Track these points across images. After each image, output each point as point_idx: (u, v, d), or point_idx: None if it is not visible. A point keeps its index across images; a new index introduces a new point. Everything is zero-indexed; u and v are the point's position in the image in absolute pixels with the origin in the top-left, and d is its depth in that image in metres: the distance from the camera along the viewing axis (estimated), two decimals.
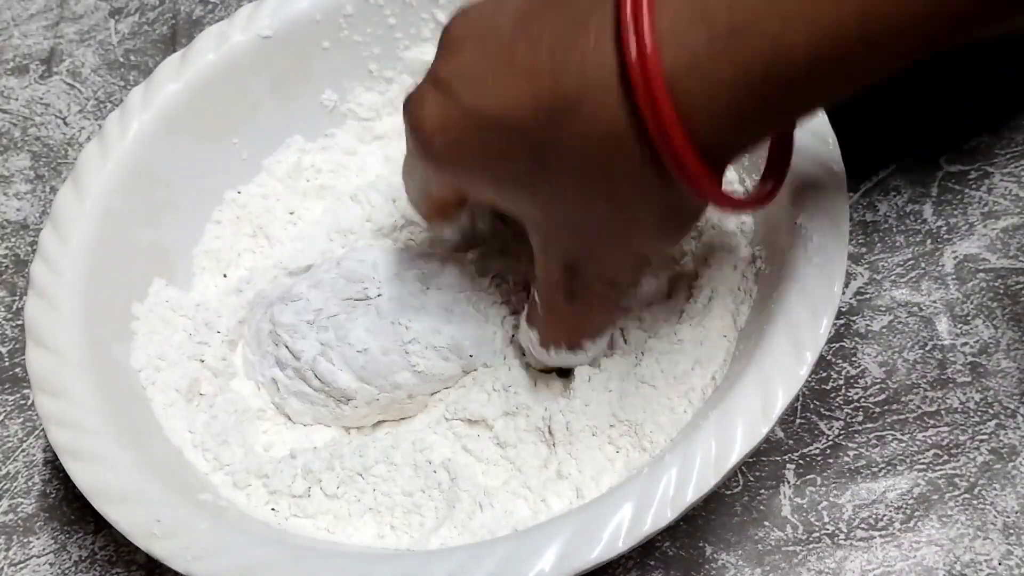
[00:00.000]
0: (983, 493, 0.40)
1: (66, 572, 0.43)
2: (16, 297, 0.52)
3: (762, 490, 0.42)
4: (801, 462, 0.42)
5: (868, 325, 0.45)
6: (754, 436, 0.34)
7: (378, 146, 0.50)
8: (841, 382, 0.44)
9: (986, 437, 0.42)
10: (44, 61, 0.62)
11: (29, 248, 0.54)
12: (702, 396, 0.39)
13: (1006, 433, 0.42)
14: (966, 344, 0.44)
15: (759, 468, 0.42)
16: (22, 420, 0.48)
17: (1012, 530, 0.40)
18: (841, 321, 0.45)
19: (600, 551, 0.33)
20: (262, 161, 0.49)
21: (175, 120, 0.46)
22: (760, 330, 0.37)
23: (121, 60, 0.61)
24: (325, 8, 0.48)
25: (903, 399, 0.43)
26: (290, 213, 0.49)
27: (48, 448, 0.47)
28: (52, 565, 0.44)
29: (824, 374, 0.44)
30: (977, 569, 0.39)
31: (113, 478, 0.37)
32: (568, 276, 0.36)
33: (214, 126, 0.48)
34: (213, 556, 0.35)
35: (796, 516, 0.41)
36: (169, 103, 0.46)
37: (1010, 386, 0.43)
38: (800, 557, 0.40)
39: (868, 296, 0.46)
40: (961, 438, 0.42)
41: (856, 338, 0.45)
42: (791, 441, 0.43)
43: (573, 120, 0.30)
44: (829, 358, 0.44)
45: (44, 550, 0.44)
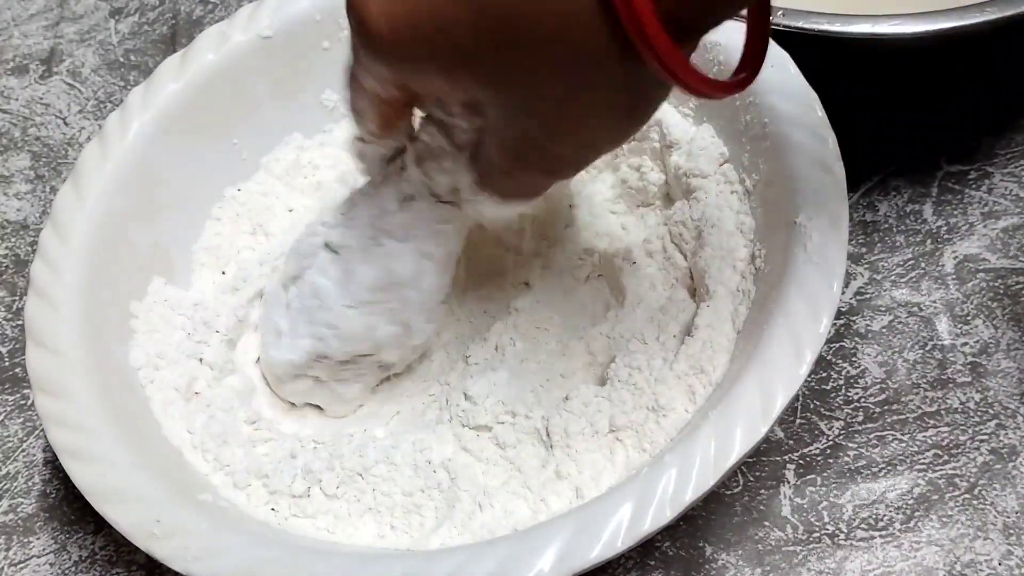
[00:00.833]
0: (983, 493, 0.40)
1: (66, 572, 0.43)
2: (16, 297, 0.52)
3: (762, 490, 0.42)
4: (801, 462, 0.42)
5: (868, 325, 0.45)
6: (754, 436, 0.34)
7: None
8: (841, 382, 0.44)
9: (986, 437, 0.42)
10: (44, 61, 0.62)
11: (29, 248, 0.54)
12: (702, 396, 0.39)
13: (1006, 433, 0.42)
14: (966, 344, 0.44)
15: (759, 468, 0.42)
16: (22, 420, 0.48)
17: (1012, 530, 0.39)
18: (841, 321, 0.45)
19: (600, 551, 0.33)
20: (261, 159, 0.49)
21: (175, 120, 0.46)
22: (760, 330, 0.37)
23: (121, 60, 0.61)
24: (325, 8, 0.48)
25: (903, 399, 0.43)
26: (289, 210, 0.49)
27: (48, 448, 0.47)
28: (52, 565, 0.44)
29: (824, 374, 0.44)
30: (977, 569, 0.39)
31: (113, 478, 0.37)
32: (512, 163, 0.34)
33: (214, 126, 0.48)
34: (213, 556, 0.35)
35: (796, 516, 0.41)
36: (169, 103, 0.46)
37: (1010, 386, 0.43)
38: (800, 557, 0.40)
39: (868, 296, 0.46)
40: (961, 438, 0.42)
41: (856, 338, 0.45)
42: (791, 441, 0.43)
43: None
44: (829, 358, 0.44)
45: (44, 550, 0.44)
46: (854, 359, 0.44)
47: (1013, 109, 0.50)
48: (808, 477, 0.42)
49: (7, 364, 0.50)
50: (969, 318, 0.45)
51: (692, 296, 0.43)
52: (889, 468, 0.41)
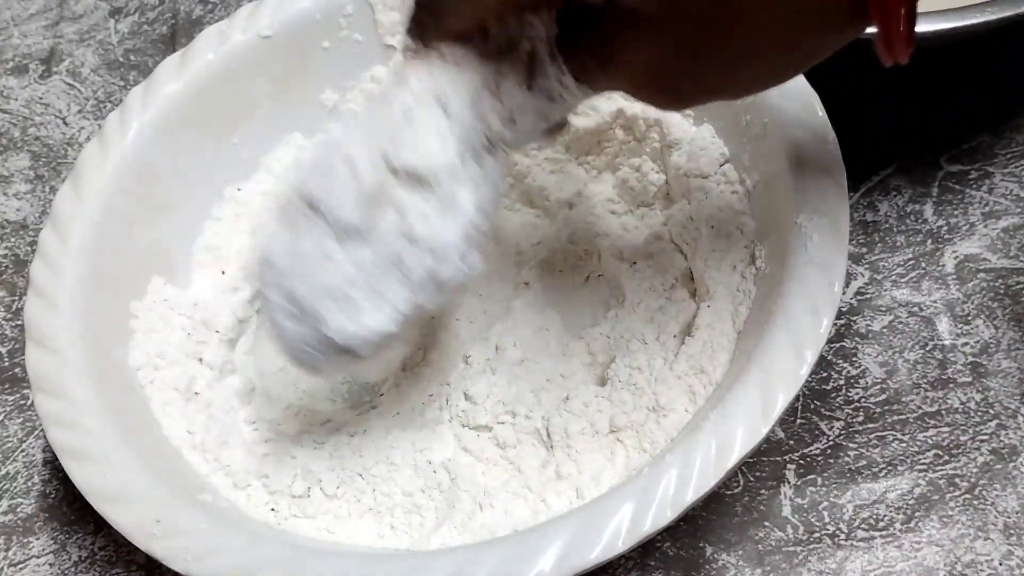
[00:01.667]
0: (984, 493, 0.40)
1: (66, 572, 0.43)
2: (16, 297, 0.52)
3: (762, 490, 0.42)
4: (801, 462, 0.42)
5: (868, 325, 0.45)
6: (754, 436, 0.34)
7: None
8: (841, 382, 0.44)
9: (987, 437, 0.42)
10: (44, 61, 0.62)
11: (29, 248, 0.54)
12: (702, 396, 0.39)
13: (1007, 433, 0.42)
14: (967, 344, 0.44)
15: (759, 468, 0.42)
16: (22, 420, 0.48)
17: (1013, 530, 0.39)
18: (841, 321, 0.45)
19: (600, 551, 0.33)
20: (261, 159, 0.49)
21: (175, 120, 0.46)
22: (760, 330, 0.37)
23: (121, 60, 0.61)
24: (325, 8, 0.48)
25: (904, 399, 0.43)
26: None
27: (48, 448, 0.47)
28: (52, 565, 0.44)
29: (824, 374, 0.44)
30: (978, 569, 0.39)
31: (113, 478, 0.37)
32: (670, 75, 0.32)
33: (214, 126, 0.48)
34: (213, 556, 0.35)
35: (797, 516, 0.41)
36: (169, 103, 0.46)
37: (1011, 386, 0.43)
38: (801, 557, 0.40)
39: (868, 296, 0.46)
40: (962, 438, 0.42)
41: (856, 338, 0.45)
42: (791, 441, 0.43)
43: None
44: (829, 358, 0.44)
45: (44, 550, 0.44)
46: (854, 359, 0.44)
47: (1013, 109, 0.50)
48: (808, 477, 0.42)
49: (7, 364, 0.50)
50: (970, 318, 0.45)
51: (692, 296, 0.43)
52: (890, 468, 0.41)
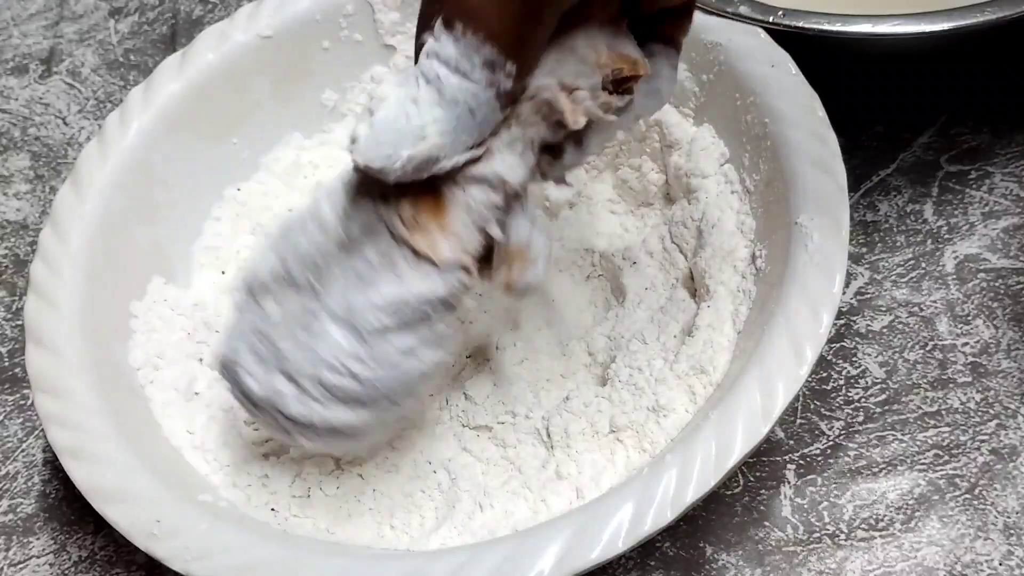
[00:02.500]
0: (984, 493, 0.40)
1: (66, 572, 0.43)
2: (16, 297, 0.52)
3: (762, 490, 0.42)
4: (801, 462, 0.42)
5: (868, 325, 0.45)
6: (754, 436, 0.34)
7: None
8: (841, 382, 0.44)
9: (987, 437, 0.42)
10: (44, 61, 0.62)
11: (29, 248, 0.54)
12: (702, 396, 0.39)
13: (1007, 433, 0.42)
14: (967, 344, 0.44)
15: (759, 468, 0.42)
16: (22, 420, 0.48)
17: (1013, 530, 0.39)
18: (841, 321, 0.45)
19: (600, 551, 0.33)
20: (261, 159, 0.49)
21: (175, 120, 0.46)
22: (760, 330, 0.37)
23: (121, 60, 0.61)
24: (325, 8, 0.48)
25: (904, 399, 0.43)
26: (289, 210, 0.49)
27: (48, 448, 0.47)
28: (52, 565, 0.44)
29: (824, 374, 0.44)
30: (978, 569, 0.39)
31: (113, 478, 0.37)
32: None
33: (214, 126, 0.48)
34: (213, 556, 0.35)
35: (796, 516, 0.41)
36: (169, 103, 0.46)
37: (1011, 386, 0.43)
38: (801, 557, 0.40)
39: (868, 296, 0.46)
40: (962, 438, 0.42)
41: (856, 338, 0.45)
42: (791, 441, 0.43)
43: None
44: (829, 358, 0.44)
45: (44, 550, 0.44)
46: (854, 359, 0.44)
47: (1013, 109, 0.50)
48: (808, 477, 0.42)
49: (7, 364, 0.50)
50: (970, 318, 0.45)
51: (692, 296, 0.43)
52: (889, 468, 0.41)
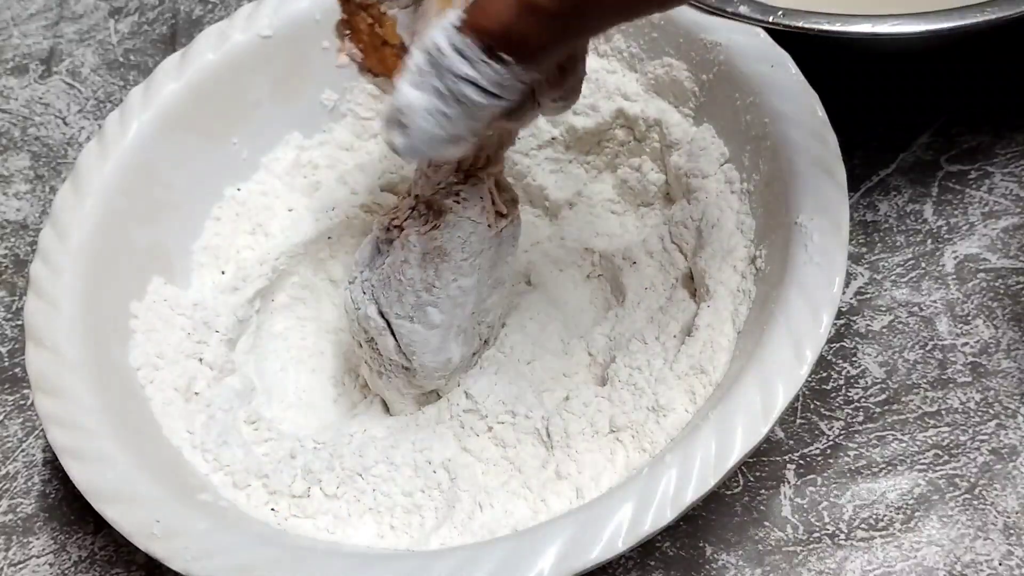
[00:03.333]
0: (983, 493, 0.40)
1: (66, 572, 0.43)
2: (16, 297, 0.52)
3: (762, 490, 0.42)
4: (801, 462, 0.42)
5: (868, 325, 0.45)
6: (754, 436, 0.34)
7: (375, 142, 0.50)
8: (841, 382, 0.44)
9: (987, 437, 0.42)
10: (44, 61, 0.62)
11: (29, 248, 0.54)
12: (702, 396, 0.39)
13: (1006, 433, 0.42)
14: (966, 344, 0.44)
15: (759, 468, 0.42)
16: (22, 420, 0.48)
17: (1012, 530, 0.39)
18: (841, 321, 0.45)
19: (600, 551, 0.33)
20: (261, 159, 0.49)
21: (175, 120, 0.46)
22: (760, 330, 0.37)
23: (121, 60, 0.61)
24: (325, 8, 0.48)
25: (903, 399, 0.43)
26: (289, 210, 0.49)
27: (48, 448, 0.47)
28: (52, 565, 0.44)
29: (824, 374, 0.44)
30: (978, 569, 0.39)
31: (113, 478, 0.37)
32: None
33: (214, 126, 0.48)
34: (213, 556, 0.35)
35: (796, 516, 0.41)
36: (169, 103, 0.46)
37: (1010, 386, 0.43)
38: (800, 557, 0.40)
39: (868, 296, 0.46)
40: (962, 438, 0.42)
41: (856, 338, 0.45)
42: (791, 441, 0.43)
43: None
44: (829, 358, 0.44)
45: (44, 550, 0.44)
46: (854, 359, 0.44)
47: (1013, 109, 0.50)
48: (808, 477, 0.42)
49: (7, 364, 0.50)
50: (969, 318, 0.44)
51: (692, 296, 0.43)
52: (889, 468, 0.41)
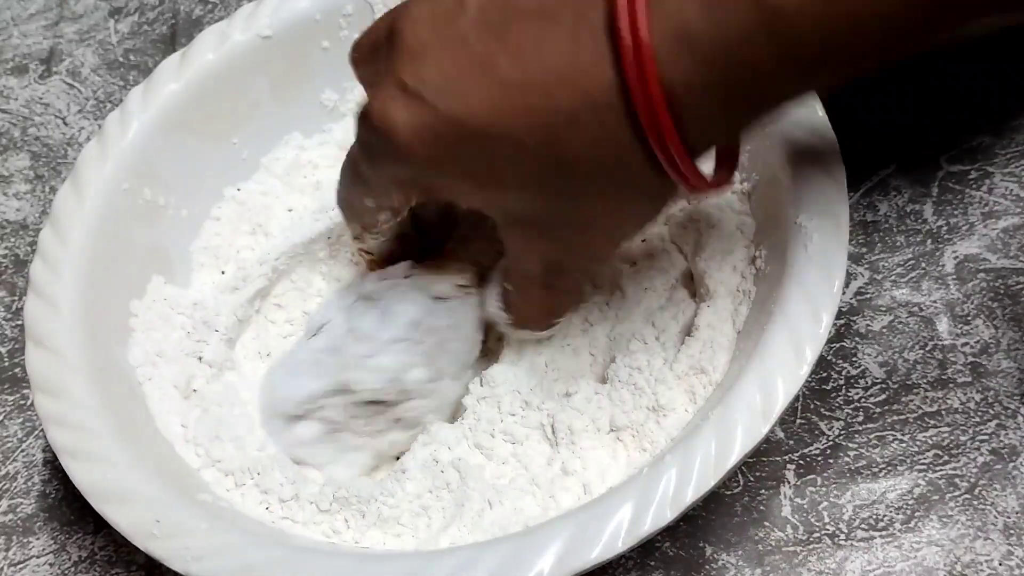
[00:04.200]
0: (984, 493, 0.40)
1: (66, 572, 0.43)
2: (16, 297, 0.52)
3: (762, 490, 0.42)
4: (801, 462, 0.42)
5: (868, 325, 0.45)
6: (754, 436, 0.34)
7: None
8: (841, 382, 0.44)
9: (987, 437, 0.42)
10: (44, 61, 0.62)
11: (29, 248, 0.54)
12: (702, 396, 0.39)
13: (1007, 433, 0.42)
14: (966, 344, 0.44)
15: (759, 468, 0.42)
16: (22, 420, 0.48)
17: (1013, 530, 0.39)
18: (841, 321, 0.45)
19: (600, 551, 0.33)
20: (261, 159, 0.49)
21: (175, 120, 0.46)
22: (760, 330, 0.37)
23: (121, 60, 0.61)
24: (325, 8, 0.48)
25: (903, 399, 0.43)
26: (288, 210, 0.49)
27: (48, 448, 0.47)
28: (52, 565, 0.44)
29: (824, 374, 0.44)
30: (978, 569, 0.39)
31: (113, 478, 0.37)
32: (548, 270, 0.37)
33: (214, 126, 0.48)
34: (212, 556, 0.35)
35: (796, 516, 0.41)
36: (169, 103, 0.46)
37: (1011, 386, 0.43)
38: (800, 557, 0.40)
39: (868, 296, 0.46)
40: (962, 438, 0.42)
41: (856, 338, 0.45)
42: (791, 441, 0.43)
43: (572, 132, 0.31)
44: (829, 358, 0.44)
45: (44, 550, 0.44)
46: (854, 359, 0.44)
47: (1013, 109, 0.50)
48: (808, 477, 0.42)
49: (7, 364, 0.50)
50: (969, 318, 0.44)
51: (692, 296, 0.43)
52: (889, 468, 0.41)
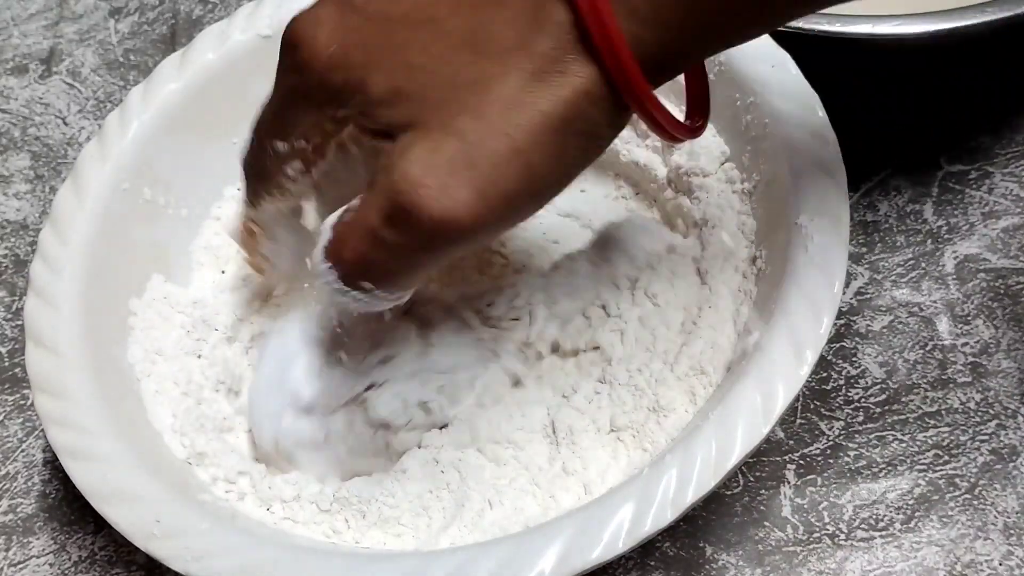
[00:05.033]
0: (984, 493, 0.40)
1: (66, 572, 0.43)
2: (16, 297, 0.52)
3: (762, 490, 0.42)
4: (801, 462, 0.42)
5: (868, 325, 0.45)
6: (754, 436, 0.34)
7: None
8: (841, 382, 0.44)
9: (987, 437, 0.42)
10: (44, 61, 0.62)
11: (29, 248, 0.54)
12: (703, 397, 0.39)
13: (1007, 433, 0.42)
14: (966, 344, 0.44)
15: (759, 468, 0.42)
16: (22, 420, 0.48)
17: (1012, 530, 0.39)
18: (841, 321, 0.45)
19: (600, 552, 0.33)
20: None
21: (175, 120, 0.46)
22: (760, 330, 0.37)
23: (121, 60, 0.61)
24: None
25: (903, 399, 0.43)
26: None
27: (48, 448, 0.47)
28: (52, 565, 0.44)
29: (824, 374, 0.44)
30: (978, 569, 0.39)
31: (113, 478, 0.37)
32: (394, 224, 0.30)
33: (214, 126, 0.48)
34: (213, 556, 0.35)
35: (796, 516, 0.41)
36: (169, 103, 0.46)
37: (1010, 386, 0.43)
38: (800, 557, 0.40)
39: (868, 296, 0.46)
40: (962, 438, 0.42)
41: (856, 338, 0.45)
42: (791, 441, 0.43)
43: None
44: (829, 358, 0.44)
45: (44, 550, 0.44)
46: (854, 359, 0.44)
47: (1013, 109, 0.50)
48: (808, 477, 0.42)
49: (7, 364, 0.50)
50: (969, 318, 0.45)
51: (693, 296, 0.43)
52: (889, 468, 0.41)
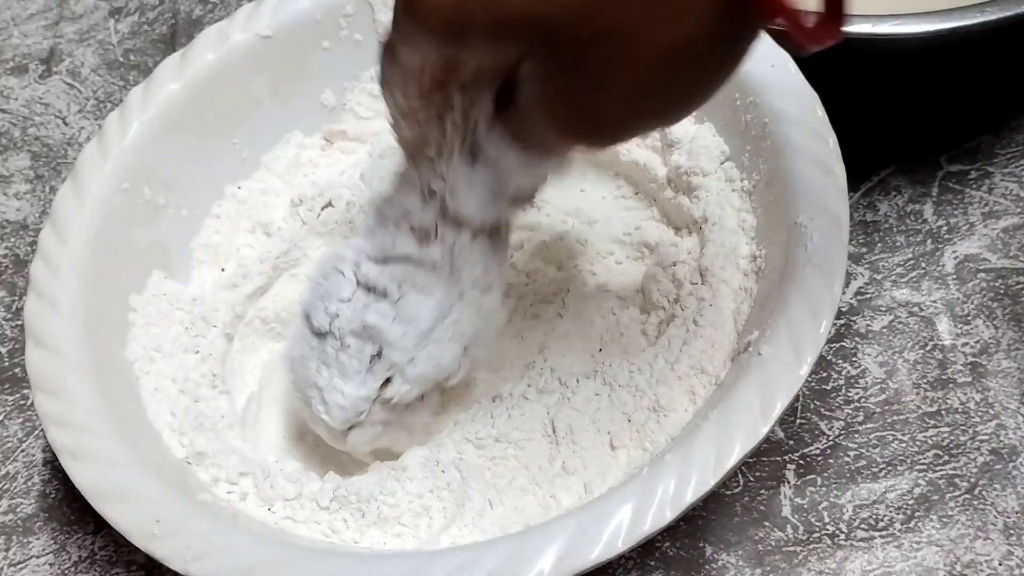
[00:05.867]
0: (983, 493, 0.40)
1: (66, 572, 0.43)
2: (16, 297, 0.52)
3: (762, 490, 0.42)
4: (801, 462, 0.42)
5: (868, 325, 0.45)
6: (754, 436, 0.34)
7: (376, 140, 0.50)
8: (841, 382, 0.44)
9: (986, 437, 0.42)
10: (44, 61, 0.62)
11: (29, 248, 0.54)
12: (703, 396, 0.39)
13: (1006, 433, 0.42)
14: (966, 344, 0.44)
15: (759, 468, 0.42)
16: (22, 420, 0.48)
17: (1012, 530, 0.39)
18: (841, 321, 0.45)
19: (600, 551, 0.33)
20: (261, 157, 0.49)
21: (175, 120, 0.46)
22: (760, 330, 0.37)
23: (121, 60, 0.61)
24: (325, 8, 0.48)
25: (903, 399, 0.43)
26: (289, 208, 0.49)
27: (48, 448, 0.47)
28: (52, 565, 0.44)
29: (824, 374, 0.44)
30: (977, 570, 0.39)
31: (113, 478, 0.37)
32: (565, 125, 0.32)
33: (214, 125, 0.48)
34: (212, 556, 0.35)
35: (796, 516, 0.41)
36: (169, 103, 0.46)
37: (1010, 386, 0.43)
38: (800, 557, 0.40)
39: (868, 296, 0.46)
40: (961, 438, 0.42)
41: (856, 338, 0.45)
42: (791, 441, 0.43)
43: None
44: (829, 358, 0.44)
45: (44, 550, 0.44)
46: (854, 359, 0.44)
47: (1013, 109, 0.50)
48: (808, 477, 0.42)
49: (7, 364, 0.50)
50: (969, 318, 0.45)
51: (693, 296, 0.43)
52: (889, 468, 0.41)
